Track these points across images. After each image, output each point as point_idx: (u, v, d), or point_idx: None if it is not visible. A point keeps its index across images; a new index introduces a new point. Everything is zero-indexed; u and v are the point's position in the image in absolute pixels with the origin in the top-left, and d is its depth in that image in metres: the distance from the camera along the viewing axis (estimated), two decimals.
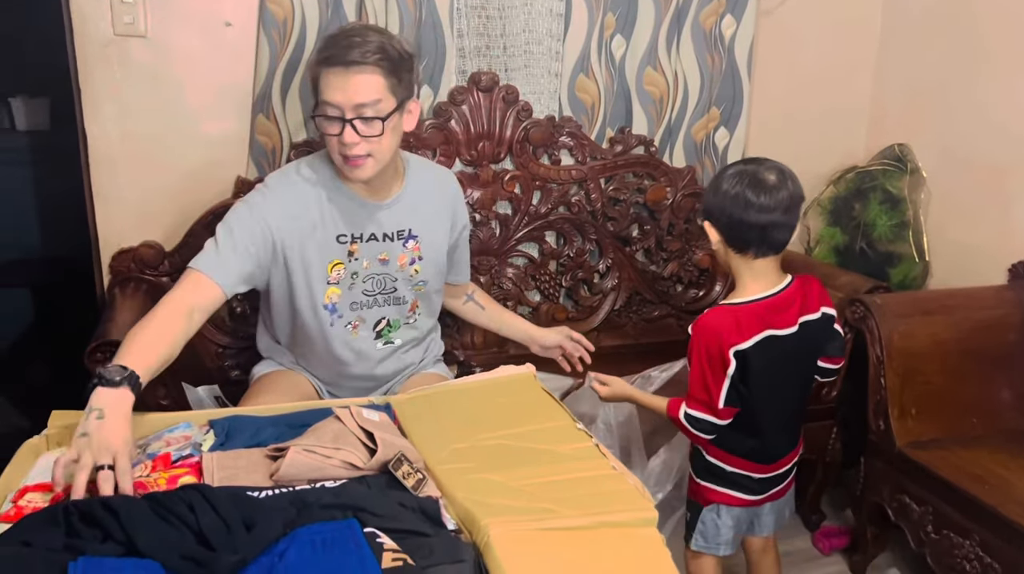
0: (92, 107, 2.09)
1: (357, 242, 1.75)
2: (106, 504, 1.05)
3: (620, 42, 2.42)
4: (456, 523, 1.15)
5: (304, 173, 1.74)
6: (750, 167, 1.63)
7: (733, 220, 1.61)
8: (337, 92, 1.58)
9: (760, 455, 1.71)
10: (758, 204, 1.57)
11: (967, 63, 2.46)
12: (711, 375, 1.61)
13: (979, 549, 1.81)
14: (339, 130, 1.60)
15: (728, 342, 1.59)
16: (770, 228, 1.60)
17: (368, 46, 1.58)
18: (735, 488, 1.72)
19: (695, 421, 1.65)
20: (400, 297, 1.83)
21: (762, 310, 1.63)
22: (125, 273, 2.16)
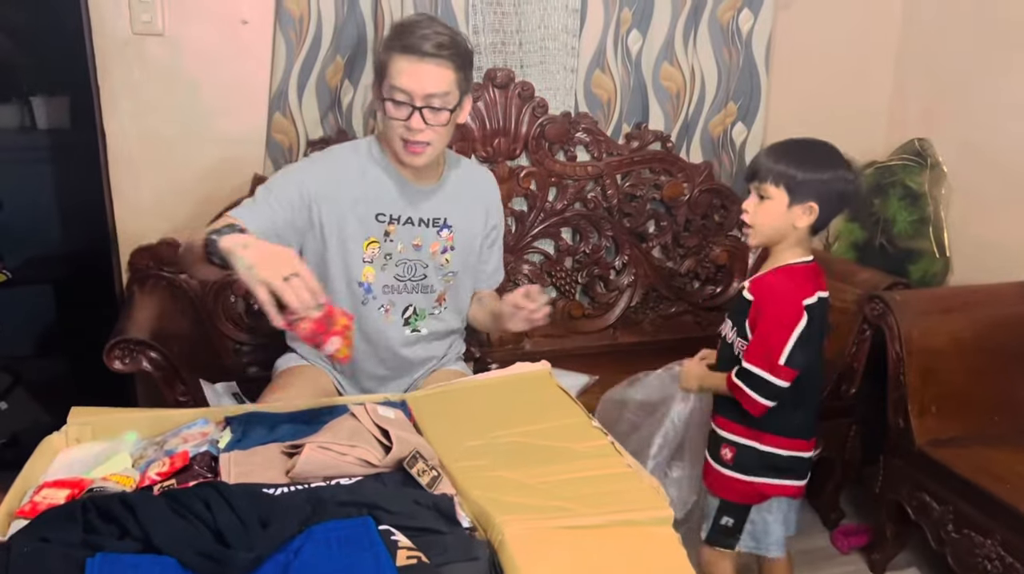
0: (111, 105, 2.11)
1: (395, 223, 1.78)
2: (123, 501, 1.05)
3: (636, 37, 2.41)
4: (471, 521, 1.15)
5: (360, 148, 1.81)
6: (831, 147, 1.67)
7: (842, 197, 1.65)
8: (410, 79, 1.63)
9: (806, 430, 1.72)
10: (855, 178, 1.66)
11: (988, 57, 2.43)
12: (777, 332, 1.61)
13: (1000, 548, 1.79)
14: (406, 115, 1.65)
15: (801, 295, 1.62)
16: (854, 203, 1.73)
17: (443, 39, 1.64)
18: (790, 475, 1.72)
19: (752, 378, 1.63)
20: (429, 286, 1.85)
21: (814, 271, 1.69)
22: (144, 270, 2.17)
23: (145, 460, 1.27)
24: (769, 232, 1.69)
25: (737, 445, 1.73)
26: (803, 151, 1.67)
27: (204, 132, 2.18)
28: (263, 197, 1.69)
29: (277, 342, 2.16)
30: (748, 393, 1.64)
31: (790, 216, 1.65)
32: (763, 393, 1.63)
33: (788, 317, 1.62)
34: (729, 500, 1.75)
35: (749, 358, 1.65)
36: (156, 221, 2.19)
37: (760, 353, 1.63)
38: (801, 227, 1.66)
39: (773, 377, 1.62)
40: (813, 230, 1.69)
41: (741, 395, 1.66)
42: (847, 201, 1.68)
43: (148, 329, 1.82)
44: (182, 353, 1.85)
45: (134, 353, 1.75)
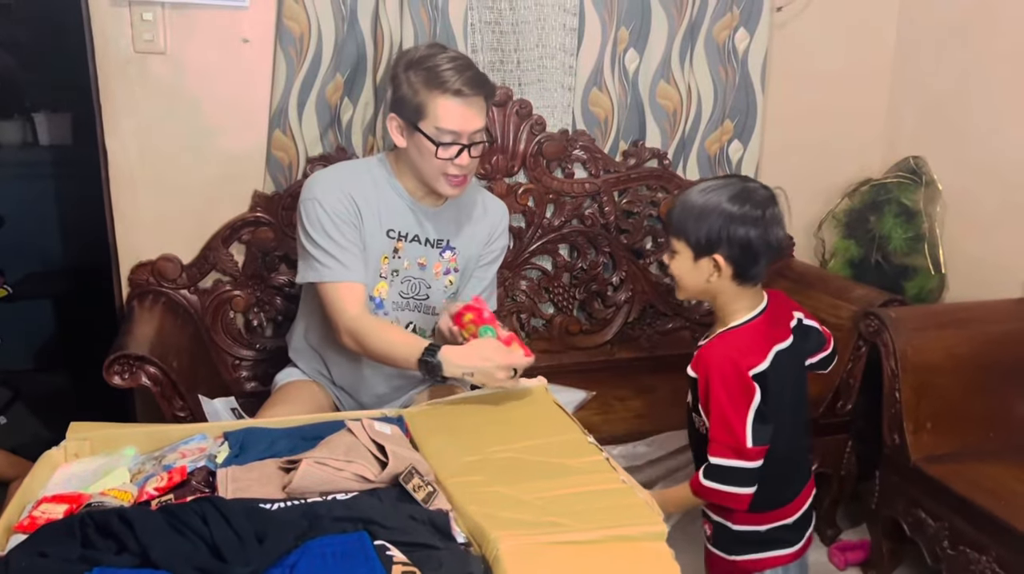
0: (112, 122, 2.13)
1: (403, 240, 1.82)
2: (121, 516, 1.06)
3: (633, 56, 2.44)
4: (466, 536, 1.15)
5: (371, 165, 1.84)
6: (733, 184, 1.47)
7: (755, 245, 1.44)
8: (461, 121, 1.69)
9: (787, 493, 1.58)
10: (781, 222, 1.46)
11: (982, 75, 2.45)
12: (732, 412, 1.45)
13: (995, 565, 1.79)
14: (455, 154, 1.70)
15: (746, 367, 1.45)
16: (781, 244, 1.50)
17: (474, 73, 1.71)
18: (775, 547, 1.57)
19: (723, 472, 1.46)
20: (431, 307, 1.88)
21: (764, 326, 1.51)
22: (143, 286, 2.19)
23: (143, 475, 1.28)
24: (691, 289, 1.53)
25: (712, 522, 1.60)
26: (704, 193, 1.47)
27: (204, 149, 2.20)
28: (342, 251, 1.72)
29: (275, 357, 2.17)
30: (723, 490, 1.48)
31: (700, 272, 1.48)
32: (740, 482, 1.47)
33: (737, 396, 1.44)
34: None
35: (714, 451, 1.47)
36: (156, 237, 2.20)
37: (725, 441, 1.46)
38: (718, 283, 1.48)
39: (746, 462, 1.46)
40: (747, 283, 1.49)
41: (718, 495, 1.49)
42: (761, 246, 1.44)
43: (147, 344, 1.83)
44: (181, 368, 1.86)
45: (133, 368, 1.76)
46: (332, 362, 1.92)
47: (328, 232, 1.73)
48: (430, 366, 1.60)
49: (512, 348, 1.59)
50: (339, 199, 1.74)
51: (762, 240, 1.44)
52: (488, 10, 2.32)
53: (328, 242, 1.73)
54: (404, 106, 1.72)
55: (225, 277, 2.25)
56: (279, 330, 2.30)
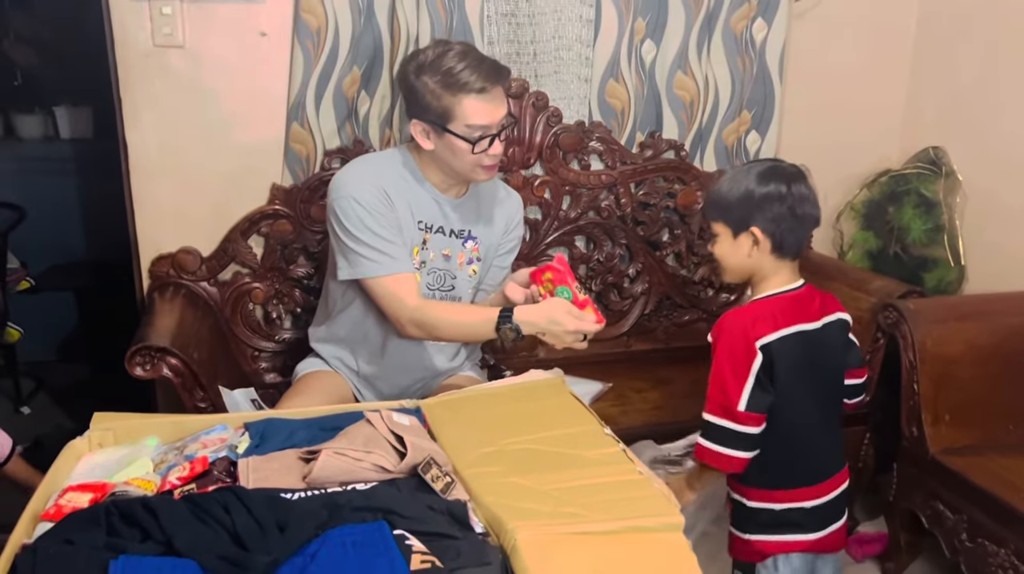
0: (132, 116, 2.15)
1: (429, 232, 1.84)
2: (146, 504, 1.08)
3: (650, 47, 2.43)
4: (484, 526, 1.17)
5: (394, 158, 1.85)
6: (769, 165, 1.58)
7: (786, 218, 1.53)
8: (489, 115, 1.71)
9: (804, 475, 1.59)
10: (808, 197, 1.55)
11: (1002, 64, 2.42)
12: (731, 373, 1.52)
13: (1015, 558, 1.78)
14: (488, 145, 1.72)
15: (754, 334, 1.52)
16: (812, 216, 1.57)
17: (487, 63, 1.72)
18: (791, 530, 1.59)
19: (715, 431, 1.53)
20: (457, 297, 1.90)
21: (788, 302, 1.57)
22: (164, 278, 2.21)
23: (166, 465, 1.30)
24: (735, 269, 1.61)
25: (732, 500, 1.64)
26: (735, 176, 1.58)
27: (223, 142, 2.21)
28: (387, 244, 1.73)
29: (294, 349, 2.19)
30: (717, 450, 1.53)
31: (739, 248, 1.57)
32: (732, 445, 1.52)
33: (739, 359, 1.51)
34: (736, 558, 1.67)
35: (707, 408, 1.54)
36: (176, 230, 2.23)
37: (717, 400, 1.53)
38: (756, 257, 1.56)
39: (736, 425, 1.51)
40: (786, 255, 1.57)
41: (711, 456, 1.55)
42: (792, 219, 1.54)
43: (168, 336, 1.86)
44: (201, 360, 1.89)
45: (155, 360, 1.79)
46: (360, 354, 1.94)
47: (370, 227, 1.73)
48: (509, 331, 1.65)
49: (584, 312, 1.63)
50: (373, 193, 1.75)
51: (791, 212, 1.53)
52: (504, 2, 2.31)
53: (372, 237, 1.73)
54: (427, 111, 1.72)
55: (244, 269, 2.27)
56: (298, 322, 2.32)
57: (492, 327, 1.67)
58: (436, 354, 1.95)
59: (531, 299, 1.74)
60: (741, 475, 1.59)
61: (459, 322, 1.76)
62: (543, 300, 1.67)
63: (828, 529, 1.62)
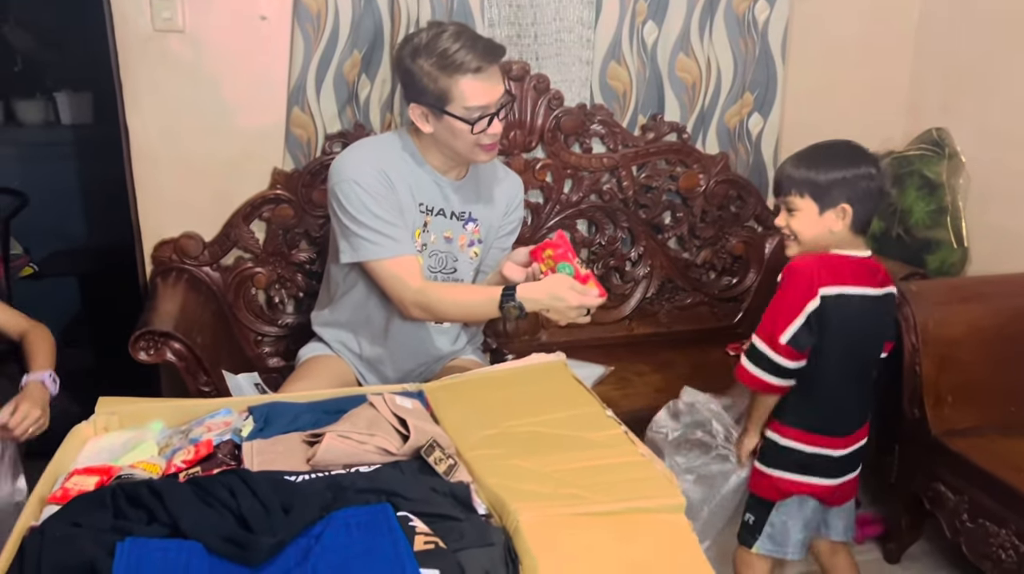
0: (133, 101, 2.14)
1: (430, 214, 1.84)
2: (151, 487, 1.09)
3: (652, 28, 2.42)
4: (486, 508, 1.17)
5: (393, 141, 1.85)
6: (854, 146, 1.66)
7: (873, 196, 1.62)
8: (487, 94, 1.71)
9: (836, 425, 1.68)
10: (886, 172, 1.64)
11: (1006, 45, 2.41)
12: (785, 308, 1.60)
13: (1015, 538, 1.79)
14: (487, 124, 1.72)
15: (819, 281, 1.59)
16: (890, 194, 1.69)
17: (483, 42, 1.71)
18: (813, 472, 1.68)
19: (756, 354, 1.62)
20: (459, 279, 1.90)
21: (858, 265, 1.65)
22: (167, 263, 2.22)
23: (171, 448, 1.31)
24: (808, 242, 1.67)
25: (764, 437, 1.71)
26: (822, 154, 1.66)
27: (224, 127, 2.21)
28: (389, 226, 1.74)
29: (297, 334, 2.20)
30: (755, 373, 1.63)
31: (824, 223, 1.63)
32: (763, 367, 1.62)
33: (798, 296, 1.59)
34: (754, 493, 1.74)
35: (756, 332, 1.64)
36: (178, 215, 2.23)
37: (765, 326, 1.62)
38: (839, 231, 1.64)
39: (772, 352, 1.60)
40: (860, 230, 1.65)
41: (751, 379, 1.65)
42: (877, 197, 1.64)
43: (171, 321, 1.86)
44: (205, 344, 1.89)
45: (158, 344, 1.80)
46: (363, 337, 1.94)
47: (372, 210, 1.73)
48: (513, 309, 1.66)
49: (587, 287, 1.64)
50: (374, 176, 1.75)
51: (879, 190, 1.63)
52: None
53: (374, 219, 1.73)
54: (425, 94, 1.72)
55: (246, 254, 2.27)
56: (300, 307, 2.32)
57: (495, 306, 1.67)
58: (438, 337, 1.95)
59: (531, 277, 1.73)
60: (781, 413, 1.68)
61: (462, 302, 1.77)
62: (544, 277, 1.67)
63: (845, 477, 1.72)
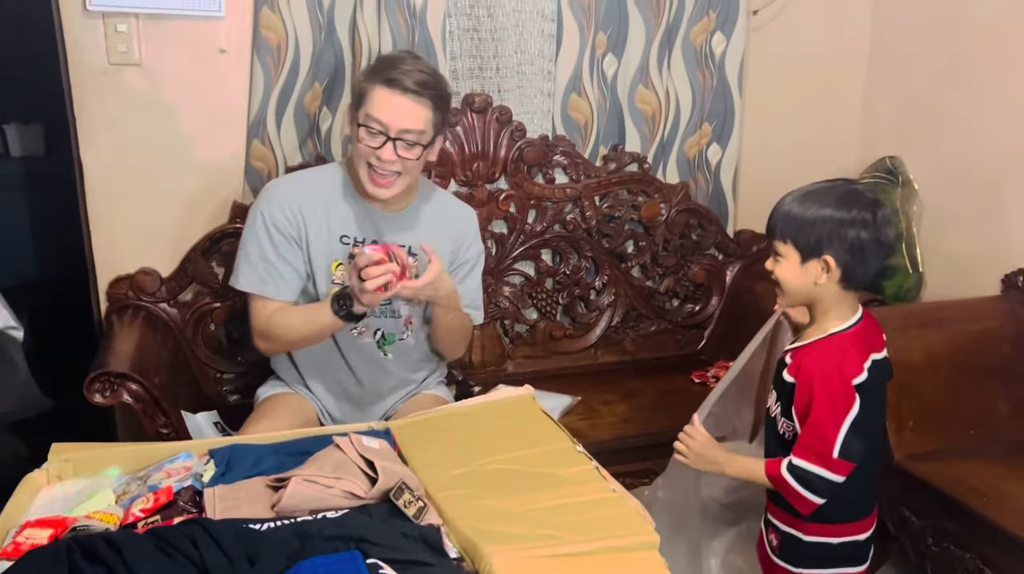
0: (88, 135, 2.10)
1: (359, 246, 1.80)
2: (108, 540, 1.05)
3: (612, 61, 2.44)
4: (458, 551, 1.15)
5: (328, 171, 1.86)
6: (839, 187, 1.48)
7: (865, 248, 1.42)
8: (389, 112, 1.67)
9: (865, 506, 1.54)
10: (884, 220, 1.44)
11: (958, 76, 2.48)
12: (829, 419, 1.41)
13: (979, 561, 1.81)
14: (379, 144, 1.69)
15: (851, 373, 1.42)
16: (892, 245, 1.48)
17: (425, 77, 1.70)
18: (846, 563, 1.53)
19: (803, 475, 1.42)
20: (395, 310, 1.86)
21: (862, 334, 1.49)
22: (123, 300, 2.16)
23: (128, 496, 1.27)
24: (795, 293, 1.50)
25: (781, 532, 1.55)
26: (813, 196, 1.47)
27: (183, 161, 2.17)
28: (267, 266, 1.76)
29: (257, 370, 2.15)
30: (797, 490, 1.44)
31: (806, 275, 1.45)
32: (815, 490, 1.43)
33: (838, 404, 1.41)
34: None
35: (799, 453, 1.44)
36: (135, 250, 2.18)
37: (812, 446, 1.42)
38: (825, 286, 1.45)
39: (828, 472, 1.42)
40: (851, 287, 1.47)
41: (789, 492, 1.45)
42: (873, 249, 1.43)
43: (128, 361, 1.81)
44: (163, 384, 1.84)
45: (115, 386, 1.74)
46: (318, 374, 1.90)
47: (262, 243, 1.76)
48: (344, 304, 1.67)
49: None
50: (283, 211, 1.76)
51: (874, 241, 1.43)
52: (466, 17, 2.32)
53: (258, 253, 1.76)
54: (353, 97, 1.75)
55: (205, 289, 2.23)
56: None
57: (328, 308, 1.69)
58: (396, 371, 1.91)
59: None
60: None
61: (294, 322, 1.77)
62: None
63: (867, 561, 1.58)
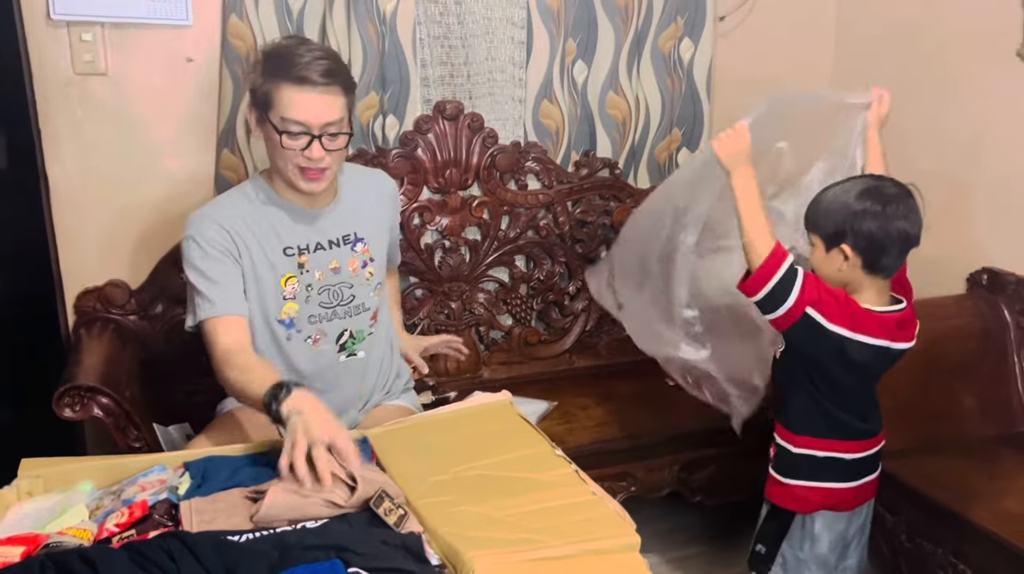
0: (53, 146, 2.07)
1: (305, 253, 1.76)
2: (83, 556, 1.03)
3: (582, 67, 2.46)
4: (440, 558, 1.15)
5: (246, 190, 1.77)
6: (863, 181, 1.60)
7: (879, 237, 1.53)
8: (307, 112, 1.62)
9: (852, 430, 1.67)
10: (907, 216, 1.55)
11: (922, 75, 2.51)
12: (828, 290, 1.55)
13: (951, 556, 1.84)
14: (305, 144, 1.63)
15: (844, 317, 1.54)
16: (907, 236, 1.56)
17: (328, 64, 1.63)
18: (830, 477, 1.66)
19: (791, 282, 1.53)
20: (360, 305, 1.82)
21: (889, 322, 1.59)
22: (91, 313, 2.13)
23: (102, 511, 1.25)
24: (828, 280, 1.60)
25: (778, 446, 1.72)
26: (838, 188, 1.59)
27: (151, 171, 2.15)
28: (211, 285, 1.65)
29: None
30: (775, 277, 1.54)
31: (831, 262, 1.58)
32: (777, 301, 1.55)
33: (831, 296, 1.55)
34: (770, 501, 1.73)
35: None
36: (103, 262, 2.15)
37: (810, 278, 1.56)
38: (847, 272, 1.57)
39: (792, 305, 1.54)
40: (878, 274, 1.58)
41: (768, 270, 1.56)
42: (889, 239, 1.54)
43: (97, 374, 1.78)
44: (134, 397, 1.82)
45: (84, 400, 1.71)
46: None
47: (200, 269, 1.66)
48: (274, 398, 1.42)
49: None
50: (215, 232, 1.67)
51: (883, 232, 1.53)
52: (436, 24, 2.32)
53: (200, 279, 1.66)
54: (255, 96, 1.67)
55: (175, 301, 2.20)
56: None
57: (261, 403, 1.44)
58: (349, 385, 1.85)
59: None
60: (790, 422, 1.68)
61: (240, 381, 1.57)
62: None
63: (863, 479, 1.70)
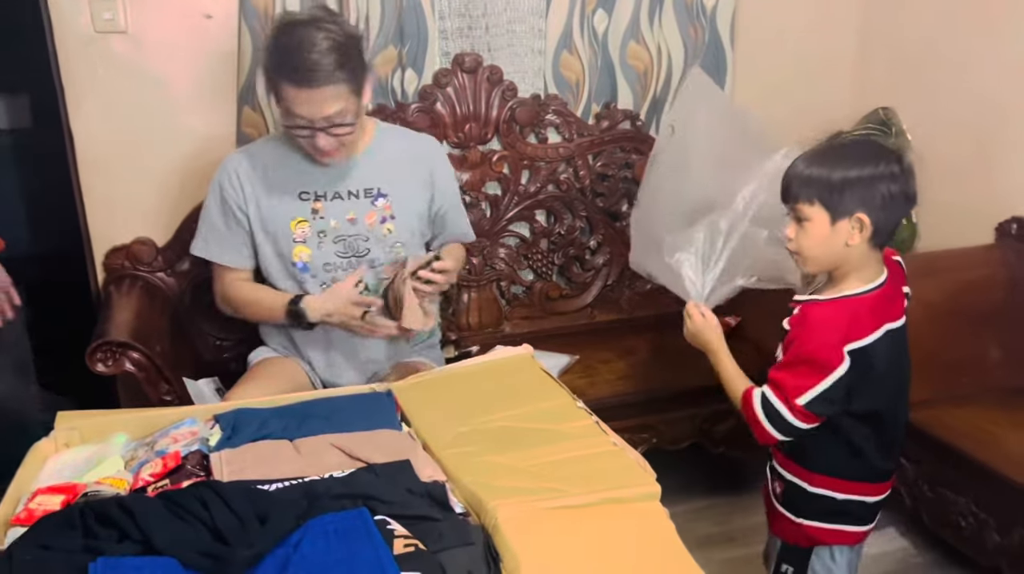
0: (76, 105, 2.08)
1: (321, 200, 1.79)
2: (121, 504, 1.07)
3: (602, 17, 2.42)
4: (463, 506, 1.17)
5: (264, 141, 1.90)
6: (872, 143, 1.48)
7: (896, 201, 1.38)
8: (308, 108, 1.65)
9: (874, 473, 1.52)
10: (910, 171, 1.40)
11: (951, 24, 2.46)
12: (807, 371, 1.41)
13: (973, 505, 1.85)
14: (311, 135, 1.68)
15: (848, 336, 1.40)
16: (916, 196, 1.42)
17: (328, 57, 1.61)
18: (847, 520, 1.52)
19: (768, 407, 1.44)
20: (374, 259, 1.84)
21: (879, 301, 1.44)
22: (119, 270, 2.16)
23: (137, 462, 1.28)
24: (821, 259, 1.44)
25: (785, 481, 1.55)
26: (834, 154, 1.44)
27: (173, 129, 2.16)
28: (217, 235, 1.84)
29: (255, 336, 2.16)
30: (759, 417, 1.46)
31: (837, 236, 1.40)
32: (776, 426, 1.45)
33: (823, 360, 1.40)
34: (787, 542, 1.58)
35: (769, 383, 1.45)
36: (129, 220, 2.17)
37: (785, 381, 1.43)
38: (856, 245, 1.40)
39: (788, 414, 1.43)
40: (879, 244, 1.43)
41: (751, 416, 1.47)
42: (901, 203, 1.40)
43: (128, 330, 1.82)
44: (164, 352, 1.86)
45: (116, 355, 1.75)
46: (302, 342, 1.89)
47: (213, 213, 1.83)
48: (295, 313, 1.76)
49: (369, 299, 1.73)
50: (232, 183, 1.81)
51: (903, 194, 1.40)
52: None
53: (209, 221, 1.84)
54: (266, 77, 1.70)
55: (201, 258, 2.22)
56: None
57: (283, 310, 1.77)
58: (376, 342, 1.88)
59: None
60: (808, 459, 1.51)
61: (254, 299, 1.85)
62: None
63: (871, 523, 1.57)
